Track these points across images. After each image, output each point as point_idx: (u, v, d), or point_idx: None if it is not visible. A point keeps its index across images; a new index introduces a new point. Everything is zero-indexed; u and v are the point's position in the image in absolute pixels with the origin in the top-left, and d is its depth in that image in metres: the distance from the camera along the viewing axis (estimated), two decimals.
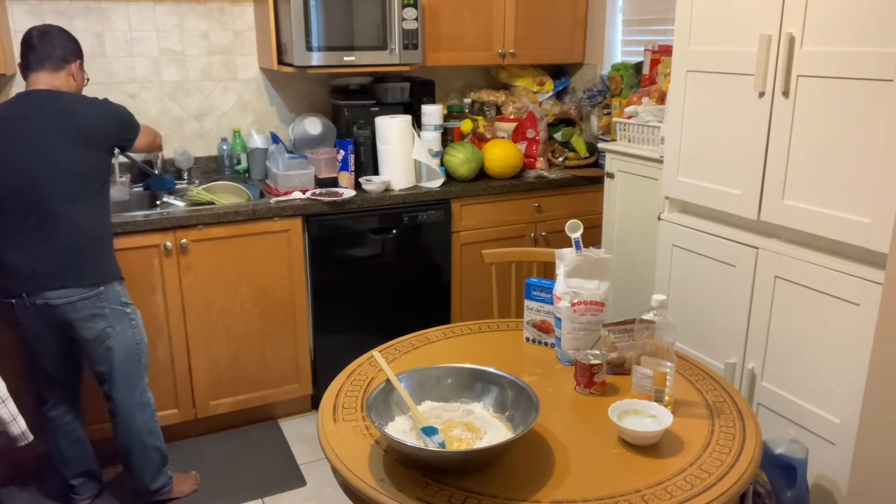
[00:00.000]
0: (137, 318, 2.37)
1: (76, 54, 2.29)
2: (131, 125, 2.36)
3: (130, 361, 2.35)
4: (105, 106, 2.29)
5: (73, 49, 2.27)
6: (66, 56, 2.24)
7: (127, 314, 2.32)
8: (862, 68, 1.74)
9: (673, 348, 1.65)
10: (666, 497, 1.31)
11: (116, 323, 2.29)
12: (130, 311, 2.34)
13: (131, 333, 2.34)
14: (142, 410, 2.41)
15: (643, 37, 3.45)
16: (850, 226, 1.81)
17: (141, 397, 2.40)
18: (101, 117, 2.25)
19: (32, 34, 2.22)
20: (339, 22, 2.97)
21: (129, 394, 2.37)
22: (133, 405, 2.39)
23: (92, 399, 2.70)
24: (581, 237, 1.82)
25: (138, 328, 2.37)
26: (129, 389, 2.37)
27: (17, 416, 2.08)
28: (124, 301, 2.32)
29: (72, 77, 2.27)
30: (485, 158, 3.35)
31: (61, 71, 2.24)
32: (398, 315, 3.23)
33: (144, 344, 2.41)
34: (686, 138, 2.31)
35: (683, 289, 2.38)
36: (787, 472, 1.88)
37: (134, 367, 2.37)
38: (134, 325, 2.35)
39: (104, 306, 2.26)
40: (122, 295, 2.32)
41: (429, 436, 1.42)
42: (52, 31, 2.24)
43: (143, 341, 2.40)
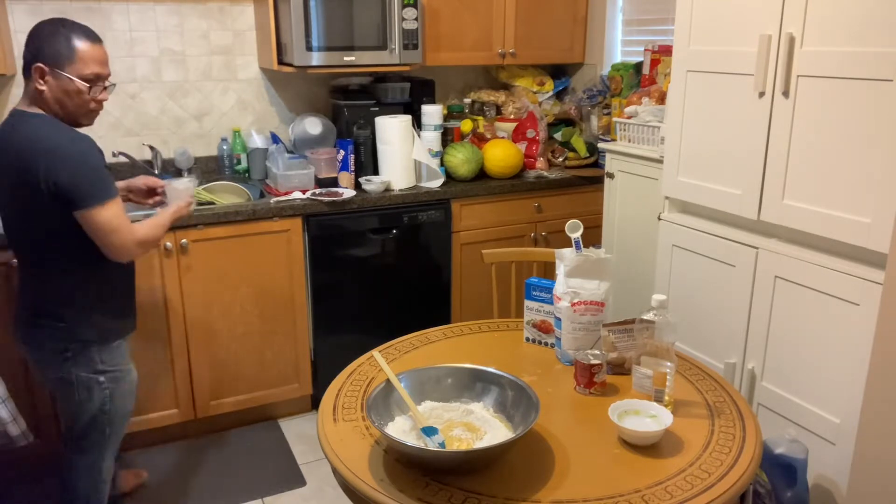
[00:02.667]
0: (115, 386, 2.04)
1: (43, 55, 1.80)
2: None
3: (92, 428, 2.04)
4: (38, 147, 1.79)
5: (39, 47, 1.80)
6: (30, 58, 1.82)
7: (99, 383, 2.00)
8: (862, 68, 1.74)
9: (673, 348, 1.65)
10: (666, 497, 1.31)
11: (84, 390, 2.00)
12: (105, 380, 2.01)
13: (99, 401, 2.01)
14: (86, 479, 2.10)
15: (643, 37, 3.45)
16: (850, 226, 1.81)
17: (90, 469, 2.09)
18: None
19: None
20: (339, 22, 2.97)
21: (79, 458, 2.09)
22: (79, 472, 2.09)
23: None
24: (581, 237, 1.82)
25: (109, 399, 2.03)
26: (81, 454, 2.09)
27: (17, 416, 2.09)
28: (100, 369, 2.00)
29: (38, 86, 1.82)
30: (485, 158, 3.35)
31: (29, 81, 1.85)
32: (398, 315, 3.23)
33: (118, 414, 2.07)
34: (686, 138, 2.31)
35: (683, 289, 2.38)
36: (787, 472, 1.88)
37: (94, 436, 2.06)
38: (103, 396, 2.01)
39: (75, 369, 1.98)
40: (100, 362, 2.00)
41: (429, 436, 1.42)
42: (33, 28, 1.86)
43: (113, 411, 2.05)
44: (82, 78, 1.82)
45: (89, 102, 1.87)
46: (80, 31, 1.84)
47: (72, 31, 1.82)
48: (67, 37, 1.81)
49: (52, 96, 1.84)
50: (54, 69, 1.80)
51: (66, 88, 1.82)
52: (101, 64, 1.87)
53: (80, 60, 1.82)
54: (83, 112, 1.89)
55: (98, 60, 1.85)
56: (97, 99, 1.89)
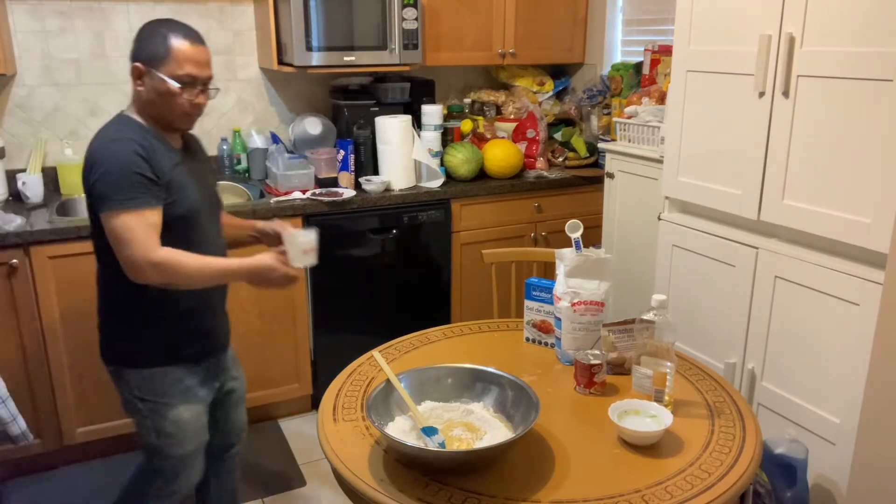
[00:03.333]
0: (157, 419, 1.84)
1: (140, 54, 1.73)
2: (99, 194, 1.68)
3: (149, 454, 1.90)
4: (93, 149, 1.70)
5: (138, 47, 1.74)
6: (131, 57, 1.75)
7: (139, 410, 1.84)
8: (862, 68, 1.74)
9: (673, 348, 1.65)
10: (666, 497, 1.31)
11: (130, 412, 1.88)
12: (144, 409, 1.83)
13: (145, 432, 1.86)
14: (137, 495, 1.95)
15: (643, 37, 3.45)
16: (850, 226, 1.81)
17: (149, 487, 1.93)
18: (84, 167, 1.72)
19: None
20: (339, 22, 2.97)
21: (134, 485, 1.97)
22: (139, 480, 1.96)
23: (89, 397, 2.71)
24: (581, 237, 1.82)
25: (154, 431, 1.85)
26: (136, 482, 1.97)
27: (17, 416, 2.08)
28: (137, 395, 1.83)
29: (136, 86, 1.76)
30: (485, 158, 3.35)
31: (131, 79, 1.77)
32: (398, 315, 3.22)
33: (166, 455, 1.87)
34: (686, 138, 2.31)
35: (683, 289, 2.38)
36: (787, 472, 1.88)
37: (147, 468, 1.92)
38: (147, 425, 1.85)
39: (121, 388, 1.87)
40: (135, 388, 1.83)
41: (429, 436, 1.42)
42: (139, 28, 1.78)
43: (162, 449, 1.86)
44: (175, 78, 1.70)
45: (184, 105, 1.74)
46: (179, 30, 1.72)
47: (170, 30, 1.72)
48: (165, 35, 1.71)
49: (147, 97, 1.75)
50: (150, 69, 1.71)
51: (159, 89, 1.72)
52: (198, 65, 1.74)
53: (175, 60, 1.70)
54: (177, 115, 1.75)
55: (194, 61, 1.73)
56: (193, 102, 1.75)
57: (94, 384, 2.69)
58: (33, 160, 2.94)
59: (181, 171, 1.77)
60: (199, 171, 1.88)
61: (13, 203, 2.88)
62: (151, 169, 1.67)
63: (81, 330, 2.61)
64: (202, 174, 1.90)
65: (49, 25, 2.95)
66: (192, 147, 1.92)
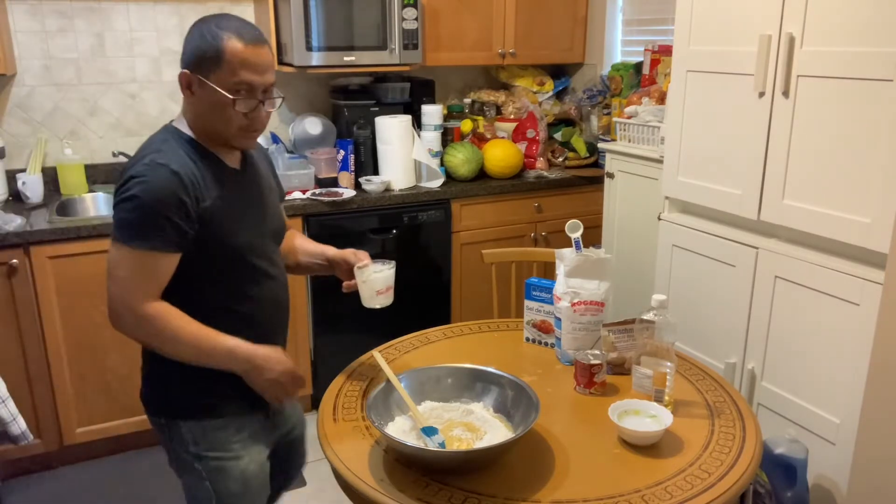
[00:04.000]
0: (219, 479, 1.56)
1: (189, 59, 1.45)
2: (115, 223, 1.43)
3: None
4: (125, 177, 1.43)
5: (187, 51, 1.46)
6: (181, 64, 1.47)
7: (196, 470, 1.56)
8: (862, 68, 1.74)
9: (673, 348, 1.65)
10: (666, 497, 1.31)
11: (183, 471, 1.60)
12: (202, 468, 1.55)
13: (201, 494, 1.58)
14: None
15: (643, 37, 3.45)
16: (850, 226, 1.81)
17: None
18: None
19: None
20: (339, 22, 2.97)
21: None
22: None
23: (89, 397, 2.71)
24: (581, 237, 1.82)
25: (214, 494, 1.57)
26: None
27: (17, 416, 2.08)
28: (194, 452, 1.55)
29: (185, 94, 1.48)
30: (485, 158, 3.35)
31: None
32: (398, 315, 3.22)
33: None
34: (686, 138, 2.31)
35: (683, 289, 2.38)
36: (787, 472, 1.89)
37: None
38: (206, 487, 1.57)
39: (174, 445, 1.59)
40: (192, 443, 1.55)
41: (429, 436, 1.42)
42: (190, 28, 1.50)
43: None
44: (228, 88, 1.42)
45: (240, 119, 1.45)
46: (232, 27, 1.42)
47: (221, 28, 1.42)
48: (215, 35, 1.41)
49: (196, 110, 1.48)
50: (198, 76, 1.43)
51: (210, 100, 1.43)
52: (256, 70, 1.43)
53: (227, 65, 1.40)
54: (233, 131, 1.46)
55: (251, 65, 1.42)
56: (251, 115, 1.46)
57: (94, 384, 2.69)
58: (33, 160, 2.94)
59: (233, 198, 1.51)
60: (258, 196, 1.60)
61: (13, 203, 2.88)
62: (186, 205, 1.40)
63: (81, 330, 2.61)
64: (261, 199, 1.61)
65: (49, 25, 2.95)
66: (253, 165, 1.63)
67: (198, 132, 1.50)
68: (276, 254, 1.65)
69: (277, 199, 1.72)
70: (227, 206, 1.49)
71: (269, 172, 1.72)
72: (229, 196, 1.50)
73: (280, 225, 1.68)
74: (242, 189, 1.55)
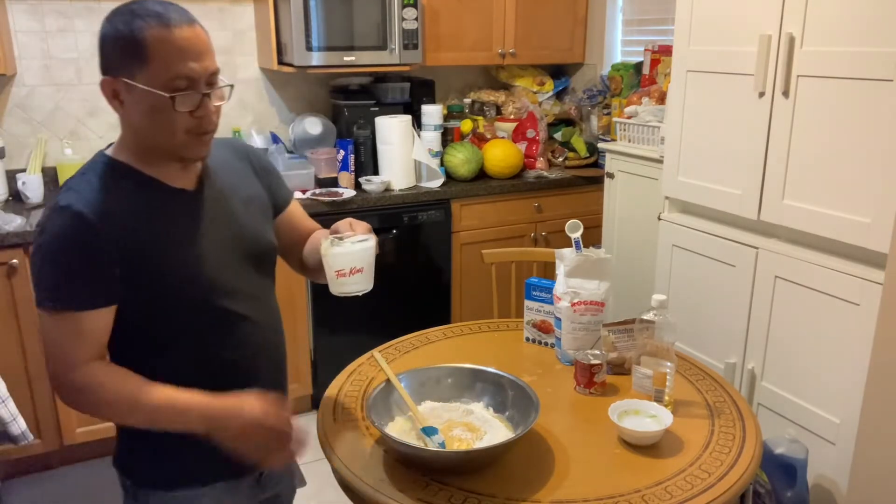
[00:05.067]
0: None
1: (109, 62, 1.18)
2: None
3: None
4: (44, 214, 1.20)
5: (104, 52, 1.18)
6: (101, 70, 1.20)
7: None
8: (862, 68, 1.74)
9: (673, 348, 1.65)
10: (666, 497, 1.31)
11: None
12: None
13: None
14: None
15: (643, 37, 3.45)
16: (850, 226, 1.81)
17: None
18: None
19: None
20: (339, 22, 2.97)
21: None
22: None
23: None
24: (581, 237, 1.82)
25: None
26: None
27: (17, 416, 2.08)
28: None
29: (114, 106, 1.22)
30: (485, 158, 3.35)
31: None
32: (398, 315, 3.22)
33: None
34: (686, 138, 2.30)
35: (683, 289, 2.38)
36: (787, 472, 1.88)
37: None
38: None
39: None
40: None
41: (429, 436, 1.42)
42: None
43: None
44: (161, 86, 1.15)
45: (185, 122, 1.18)
46: (150, 12, 1.14)
47: (137, 16, 1.14)
48: (132, 26, 1.13)
49: (131, 123, 1.22)
50: (124, 80, 1.16)
51: (144, 107, 1.17)
52: (191, 57, 1.15)
53: (155, 58, 1.13)
54: (180, 138, 1.19)
55: (184, 52, 1.14)
56: (197, 114, 1.18)
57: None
58: (33, 160, 2.94)
59: (181, 228, 1.24)
60: (223, 217, 1.30)
61: (13, 203, 2.88)
62: (100, 249, 1.15)
63: None
64: (228, 219, 1.31)
65: (49, 25, 2.94)
66: (215, 179, 1.32)
67: (138, 153, 1.23)
68: (257, 286, 1.36)
69: (262, 211, 1.40)
70: (170, 240, 1.21)
71: (247, 179, 1.40)
72: (175, 226, 1.23)
73: (265, 245, 1.38)
74: (196, 214, 1.26)
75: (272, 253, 1.43)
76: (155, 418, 1.19)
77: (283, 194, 1.51)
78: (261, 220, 1.40)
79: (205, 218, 1.27)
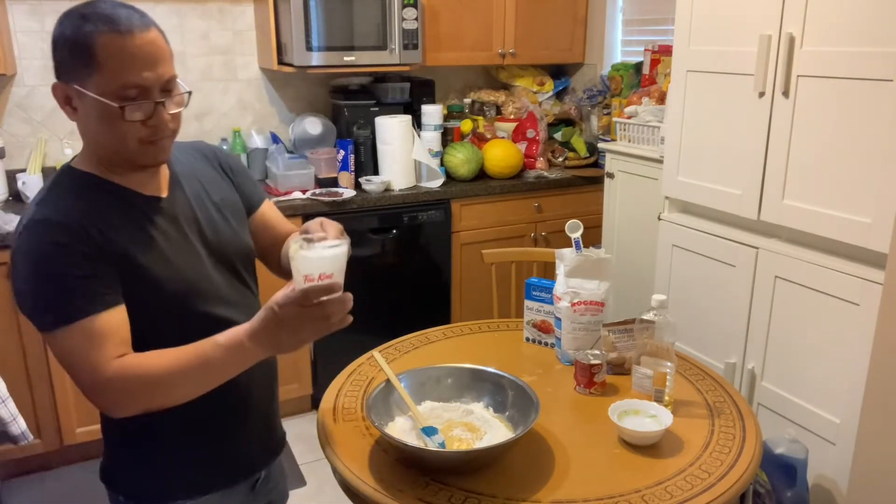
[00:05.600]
0: None
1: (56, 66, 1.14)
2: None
3: None
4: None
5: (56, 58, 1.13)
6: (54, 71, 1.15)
7: None
8: (862, 68, 1.74)
9: (673, 348, 1.65)
10: (666, 497, 1.31)
11: None
12: None
13: None
14: None
15: (643, 37, 3.45)
16: (850, 226, 1.81)
17: None
18: None
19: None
20: (339, 22, 2.97)
21: None
22: None
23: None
24: (581, 237, 1.82)
25: None
26: None
27: (17, 416, 2.08)
28: None
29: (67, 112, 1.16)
30: (485, 158, 3.35)
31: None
32: (398, 315, 3.22)
33: None
34: (686, 138, 2.30)
35: (683, 289, 2.38)
36: (787, 472, 1.88)
37: None
38: None
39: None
40: None
41: (429, 436, 1.42)
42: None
43: None
44: (111, 95, 1.10)
45: (136, 130, 1.14)
46: (100, 16, 1.09)
47: (87, 20, 1.09)
48: (80, 31, 1.09)
49: (85, 130, 1.17)
50: (75, 87, 1.11)
51: (95, 115, 1.13)
52: (143, 65, 1.11)
53: (103, 67, 1.09)
54: (132, 147, 1.15)
55: (135, 61, 1.10)
56: (150, 123, 1.14)
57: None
58: (33, 160, 2.94)
59: (155, 234, 1.20)
60: (195, 222, 1.28)
61: (13, 203, 2.88)
62: (90, 254, 1.11)
63: None
64: (200, 224, 1.29)
65: (49, 25, 2.94)
66: (183, 182, 1.30)
67: (98, 160, 1.19)
68: (238, 290, 1.35)
69: (235, 213, 1.37)
70: (146, 247, 1.18)
71: (217, 182, 1.37)
72: (148, 233, 1.20)
73: (241, 249, 1.36)
74: (171, 221, 1.24)
75: (249, 255, 1.40)
76: (209, 372, 1.12)
77: (255, 194, 1.46)
78: (234, 224, 1.37)
79: (179, 225, 1.25)
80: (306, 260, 1.08)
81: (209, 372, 1.12)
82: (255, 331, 1.09)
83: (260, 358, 1.13)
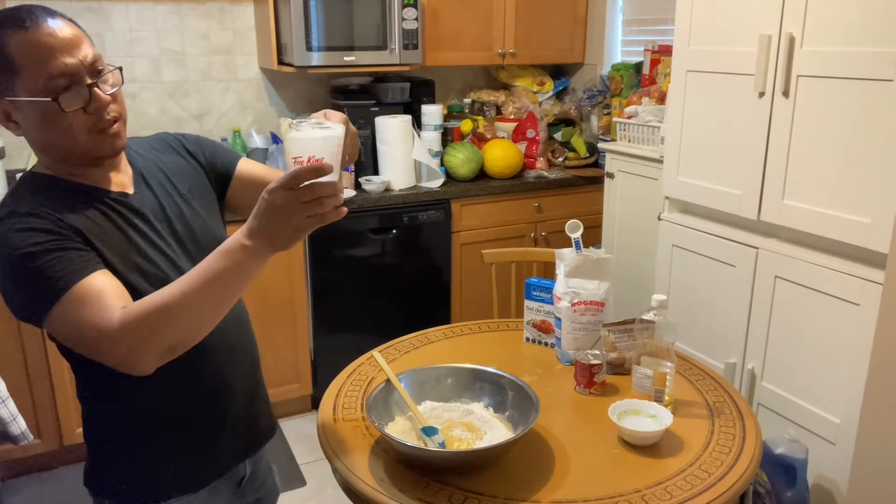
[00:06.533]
0: None
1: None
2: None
3: None
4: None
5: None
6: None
7: None
8: (862, 68, 1.74)
9: (673, 348, 1.65)
10: (666, 497, 1.31)
11: None
12: None
13: None
14: None
15: (643, 37, 3.45)
16: (850, 226, 1.81)
17: None
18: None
19: None
20: (339, 22, 2.97)
21: None
22: None
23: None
24: (581, 237, 1.82)
25: None
26: None
27: (17, 416, 2.08)
28: None
29: (11, 129, 1.15)
30: (485, 158, 3.35)
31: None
32: (398, 315, 3.22)
33: None
34: (686, 138, 2.30)
35: (683, 289, 2.38)
36: (787, 472, 1.88)
37: None
38: None
39: None
40: None
41: (429, 436, 1.42)
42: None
43: None
44: (41, 91, 1.08)
45: (80, 119, 1.11)
46: (4, 22, 1.08)
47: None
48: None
49: (34, 141, 1.15)
50: (7, 100, 1.10)
51: (36, 120, 1.10)
52: (60, 51, 1.08)
53: (24, 66, 1.07)
54: (83, 139, 1.13)
55: (52, 49, 1.08)
56: (90, 111, 1.11)
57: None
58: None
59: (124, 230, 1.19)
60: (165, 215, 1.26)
61: None
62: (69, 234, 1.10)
63: None
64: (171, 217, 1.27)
65: None
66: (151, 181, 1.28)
67: (60, 167, 1.17)
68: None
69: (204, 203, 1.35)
70: (117, 242, 1.17)
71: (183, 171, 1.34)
72: (119, 228, 1.18)
73: (214, 236, 1.31)
74: (138, 215, 1.21)
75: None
76: (218, 285, 1.06)
77: (229, 159, 1.41)
78: (204, 214, 1.34)
79: (149, 220, 1.23)
80: (294, 141, 1.04)
81: (218, 285, 1.06)
82: (249, 225, 1.05)
83: (263, 257, 1.07)
